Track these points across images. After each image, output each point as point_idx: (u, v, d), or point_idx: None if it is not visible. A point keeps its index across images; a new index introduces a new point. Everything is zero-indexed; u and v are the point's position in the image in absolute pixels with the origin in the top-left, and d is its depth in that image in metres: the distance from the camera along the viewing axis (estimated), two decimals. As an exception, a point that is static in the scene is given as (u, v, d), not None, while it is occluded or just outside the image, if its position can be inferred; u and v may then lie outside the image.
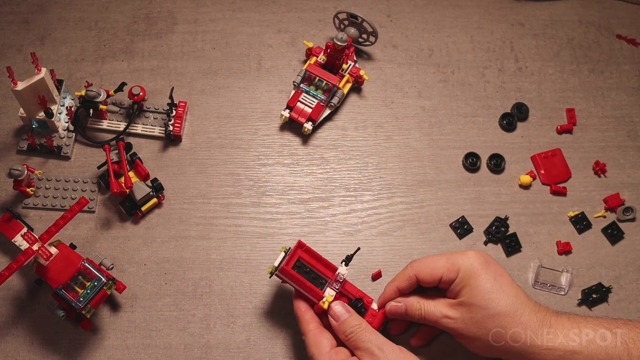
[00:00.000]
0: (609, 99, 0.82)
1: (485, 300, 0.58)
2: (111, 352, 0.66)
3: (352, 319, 0.60)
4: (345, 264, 0.64)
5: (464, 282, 0.60)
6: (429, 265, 0.62)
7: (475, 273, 0.60)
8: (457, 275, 0.60)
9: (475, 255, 0.61)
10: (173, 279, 0.70)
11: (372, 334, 0.59)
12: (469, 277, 0.60)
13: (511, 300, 0.58)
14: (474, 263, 0.60)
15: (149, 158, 0.75)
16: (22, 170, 0.68)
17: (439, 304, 0.62)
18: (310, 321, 0.61)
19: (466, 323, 0.60)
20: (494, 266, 0.61)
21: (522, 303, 0.59)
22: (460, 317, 0.60)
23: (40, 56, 0.77)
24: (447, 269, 0.61)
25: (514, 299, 0.58)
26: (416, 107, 0.80)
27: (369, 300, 0.64)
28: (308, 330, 0.61)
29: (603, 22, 0.87)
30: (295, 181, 0.75)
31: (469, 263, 0.60)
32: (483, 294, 0.59)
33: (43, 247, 0.61)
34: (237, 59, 0.81)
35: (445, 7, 0.87)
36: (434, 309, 0.62)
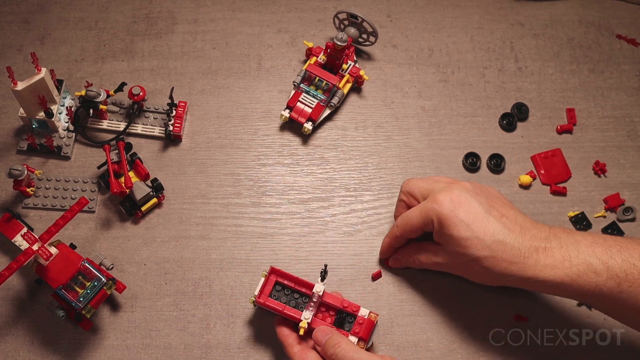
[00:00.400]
0: (609, 99, 0.82)
1: (463, 247, 0.58)
2: (111, 352, 0.66)
3: (331, 340, 0.59)
4: (321, 279, 0.63)
5: (439, 233, 0.61)
6: (408, 222, 0.64)
7: (447, 222, 0.59)
8: (432, 227, 0.61)
9: (444, 200, 0.60)
10: (173, 279, 0.70)
11: (354, 352, 0.57)
12: (442, 227, 0.60)
13: (488, 242, 0.57)
14: (443, 210, 0.59)
15: (149, 158, 0.75)
16: (22, 170, 0.68)
17: (429, 253, 0.65)
18: (293, 344, 0.61)
19: (453, 266, 0.62)
20: (467, 205, 0.59)
21: (502, 241, 0.57)
22: (448, 262, 0.62)
23: (40, 56, 0.77)
24: (422, 222, 0.62)
25: (490, 238, 0.57)
26: (416, 107, 0.80)
27: (355, 308, 0.63)
28: (293, 352, 0.61)
29: (603, 22, 0.87)
30: (295, 181, 0.75)
31: (438, 211, 0.60)
32: (459, 241, 0.59)
33: (43, 247, 0.61)
34: (237, 59, 0.81)
35: (445, 7, 0.87)
36: (426, 259, 0.65)
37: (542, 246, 0.57)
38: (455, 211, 0.59)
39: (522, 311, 0.69)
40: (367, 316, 0.62)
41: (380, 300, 0.69)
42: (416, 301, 0.70)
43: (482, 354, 0.67)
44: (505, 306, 0.70)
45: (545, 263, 0.56)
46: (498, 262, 0.57)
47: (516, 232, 0.58)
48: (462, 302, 0.70)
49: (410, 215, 0.64)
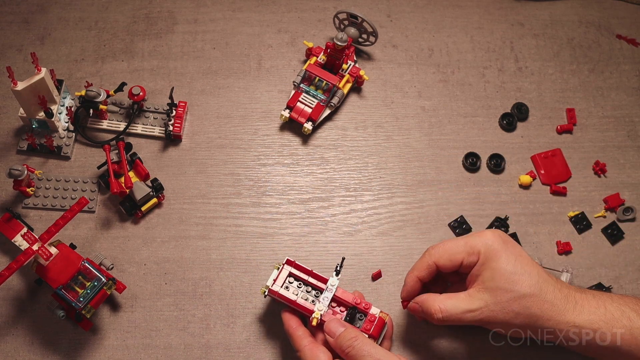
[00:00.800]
0: (609, 99, 0.82)
1: (509, 282, 0.57)
2: (111, 352, 0.66)
3: (347, 333, 0.59)
4: (336, 274, 0.63)
5: (485, 265, 0.58)
6: (448, 251, 0.60)
7: (496, 255, 0.58)
8: (477, 259, 0.59)
9: (493, 236, 0.59)
10: (173, 279, 0.70)
11: (370, 347, 0.57)
12: (490, 260, 0.58)
13: (534, 280, 0.57)
14: (493, 244, 0.58)
15: (149, 158, 0.75)
16: (22, 170, 0.68)
17: (458, 300, 0.59)
18: (303, 337, 0.60)
19: (491, 309, 0.57)
20: (512, 245, 0.59)
21: (545, 281, 0.57)
22: (484, 305, 0.57)
23: (40, 56, 0.77)
24: (466, 253, 0.59)
25: (536, 278, 0.57)
26: (416, 107, 0.80)
27: (366, 306, 0.63)
28: (302, 345, 0.60)
29: (603, 22, 0.87)
30: (295, 181, 0.75)
31: (489, 244, 0.58)
32: (507, 275, 0.57)
33: (43, 247, 0.61)
34: (237, 59, 0.81)
35: (445, 7, 0.87)
36: (454, 309, 0.58)
37: (578, 295, 0.58)
38: (505, 246, 0.58)
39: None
40: (378, 315, 0.62)
41: (380, 300, 0.69)
42: (416, 301, 0.70)
43: (482, 354, 0.67)
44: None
45: (582, 309, 0.57)
46: (541, 303, 0.56)
47: (553, 278, 0.59)
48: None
49: (453, 244, 0.60)
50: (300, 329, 0.62)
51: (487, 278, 0.58)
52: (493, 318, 0.58)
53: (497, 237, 0.59)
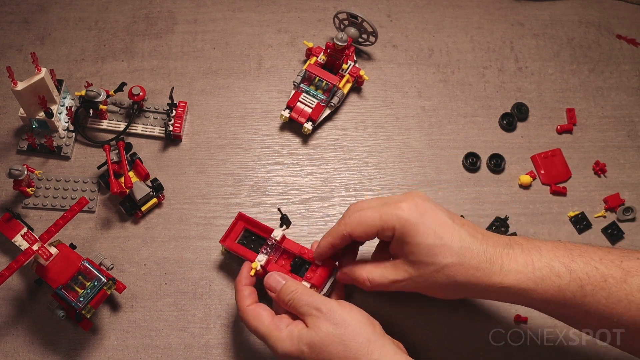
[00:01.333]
0: (609, 99, 0.82)
1: (429, 255, 0.54)
2: (111, 352, 0.66)
3: (286, 287, 0.59)
4: (280, 225, 0.64)
5: (402, 240, 0.56)
6: (363, 223, 0.57)
7: (413, 229, 0.55)
8: (393, 233, 0.56)
9: (408, 207, 0.56)
10: (173, 279, 0.70)
11: (309, 296, 0.57)
12: (406, 235, 0.55)
13: (456, 248, 0.54)
14: (409, 217, 0.55)
15: (149, 158, 0.75)
16: (22, 170, 0.68)
17: (385, 270, 0.58)
18: (248, 297, 0.60)
19: (415, 281, 0.56)
20: (432, 213, 0.56)
21: (469, 246, 0.55)
22: (409, 277, 0.56)
23: (40, 56, 0.77)
24: (381, 226, 0.56)
25: (458, 245, 0.54)
26: (416, 107, 0.80)
27: (310, 254, 0.63)
28: (245, 305, 0.59)
29: (603, 22, 0.87)
30: (295, 181, 0.75)
31: (404, 219, 0.55)
32: (426, 249, 0.55)
33: (43, 247, 0.61)
34: (237, 59, 0.82)
35: (445, 7, 0.87)
36: (381, 278, 0.58)
37: (505, 252, 0.55)
38: (422, 218, 0.55)
39: (522, 311, 0.69)
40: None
41: (380, 300, 0.69)
42: (416, 301, 0.70)
43: (482, 354, 0.67)
44: (505, 306, 0.70)
45: (509, 268, 0.54)
46: (465, 269, 0.54)
47: (479, 239, 0.56)
48: (462, 302, 0.70)
49: (368, 215, 0.57)
50: (248, 289, 0.61)
51: (407, 252, 0.56)
52: (420, 289, 0.57)
53: (412, 208, 0.56)
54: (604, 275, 0.53)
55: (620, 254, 0.54)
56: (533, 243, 0.56)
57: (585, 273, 0.53)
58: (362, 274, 0.59)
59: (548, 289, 0.54)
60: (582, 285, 0.53)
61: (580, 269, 0.53)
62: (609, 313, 0.52)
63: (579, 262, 0.54)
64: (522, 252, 0.55)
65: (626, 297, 0.52)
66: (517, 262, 0.54)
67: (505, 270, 0.54)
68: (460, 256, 0.54)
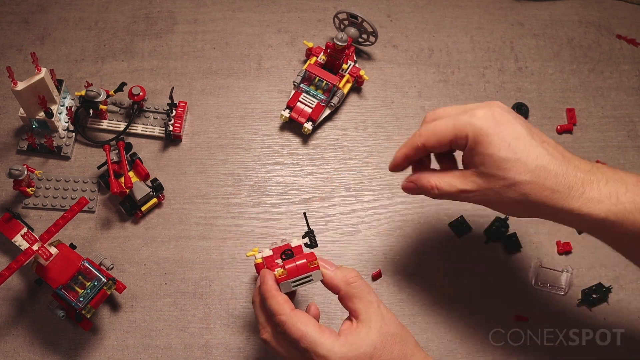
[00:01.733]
0: (609, 99, 0.82)
1: (501, 169, 0.51)
2: (111, 352, 0.66)
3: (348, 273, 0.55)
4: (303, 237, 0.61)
5: (475, 151, 0.52)
6: (437, 133, 0.54)
7: (485, 140, 0.51)
8: (466, 142, 0.53)
9: (484, 116, 0.52)
10: (173, 279, 0.70)
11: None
12: (478, 145, 0.52)
13: (532, 165, 0.51)
14: (483, 126, 0.52)
15: (149, 158, 0.75)
16: (22, 170, 0.68)
17: (453, 178, 0.55)
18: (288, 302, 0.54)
19: (485, 194, 0.53)
20: (509, 125, 0.52)
21: (546, 167, 0.51)
22: (478, 189, 0.53)
23: (40, 56, 0.77)
24: (454, 135, 0.53)
25: (535, 162, 0.51)
26: (416, 107, 0.80)
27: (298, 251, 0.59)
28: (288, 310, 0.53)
29: (603, 22, 0.87)
30: (295, 181, 0.75)
31: (477, 127, 0.52)
32: (497, 162, 0.51)
33: (43, 247, 0.61)
34: (237, 59, 0.82)
35: (445, 7, 0.87)
36: (448, 187, 0.55)
37: (587, 178, 0.51)
38: (497, 129, 0.51)
39: (522, 311, 0.69)
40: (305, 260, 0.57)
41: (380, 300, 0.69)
42: (416, 301, 0.70)
43: (482, 354, 0.67)
44: (505, 306, 0.70)
45: (590, 196, 0.50)
46: (539, 189, 0.51)
47: (559, 159, 0.52)
48: (462, 302, 0.70)
49: (441, 125, 0.54)
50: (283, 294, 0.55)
51: (478, 163, 0.52)
52: (489, 202, 0.54)
53: (488, 117, 0.52)
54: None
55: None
56: (617, 174, 0.53)
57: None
58: (430, 180, 0.56)
59: (629, 225, 0.50)
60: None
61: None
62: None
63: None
64: (606, 182, 0.51)
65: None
66: (601, 192, 0.51)
67: (586, 197, 0.51)
68: (535, 175, 0.51)
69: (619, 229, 0.51)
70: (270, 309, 0.53)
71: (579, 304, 0.70)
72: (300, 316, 0.52)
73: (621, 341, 0.68)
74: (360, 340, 0.51)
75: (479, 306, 0.70)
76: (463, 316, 0.69)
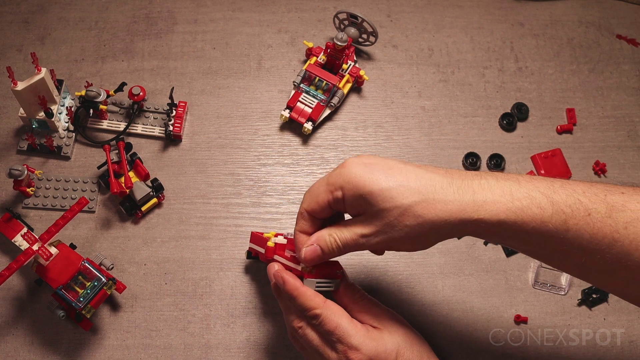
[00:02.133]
0: (609, 99, 0.82)
1: (388, 200, 0.49)
2: (111, 352, 0.66)
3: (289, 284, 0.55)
4: None
5: (355, 197, 0.51)
6: (313, 196, 0.53)
7: (361, 180, 0.50)
8: (342, 194, 0.51)
9: (352, 163, 0.51)
10: (173, 279, 0.70)
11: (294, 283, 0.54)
12: (357, 188, 0.50)
13: (415, 187, 0.49)
14: (353, 171, 0.51)
15: (149, 158, 0.75)
16: (22, 170, 0.68)
17: (351, 226, 0.52)
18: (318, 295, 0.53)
19: (385, 232, 0.50)
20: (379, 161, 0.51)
21: (430, 180, 0.50)
22: (377, 230, 0.51)
23: (40, 56, 0.77)
24: (329, 192, 0.52)
25: (416, 183, 0.49)
26: (416, 107, 0.80)
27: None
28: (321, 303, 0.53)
29: (603, 22, 0.87)
30: (295, 181, 0.75)
31: (351, 174, 0.51)
32: (382, 195, 0.49)
33: (43, 247, 0.61)
34: (237, 59, 0.82)
35: (445, 7, 0.87)
36: (348, 234, 0.52)
37: (476, 182, 0.49)
38: (368, 168, 0.50)
39: (522, 311, 0.69)
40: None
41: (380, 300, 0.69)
42: (416, 301, 0.70)
43: (482, 354, 0.68)
44: (505, 306, 0.70)
45: (484, 199, 0.48)
46: (431, 205, 0.48)
47: (441, 173, 0.51)
48: (462, 302, 0.70)
49: (315, 187, 0.53)
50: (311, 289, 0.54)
51: (365, 206, 0.51)
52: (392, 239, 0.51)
53: (357, 163, 0.51)
54: (588, 208, 0.48)
55: (604, 188, 0.49)
56: (508, 175, 0.51)
57: (569, 206, 0.48)
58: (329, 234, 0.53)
59: (529, 221, 0.48)
60: (565, 220, 0.48)
61: (563, 201, 0.48)
62: (592, 250, 0.48)
63: (561, 194, 0.48)
64: (497, 182, 0.49)
65: (611, 233, 0.47)
66: (493, 192, 0.49)
67: (480, 200, 0.48)
68: (421, 193, 0.49)
69: (521, 227, 0.48)
70: (301, 306, 0.53)
71: (579, 304, 0.70)
72: (333, 308, 0.53)
73: (621, 341, 0.68)
74: (386, 338, 0.54)
75: (479, 306, 0.70)
76: (463, 316, 0.69)
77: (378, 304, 0.57)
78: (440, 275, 0.71)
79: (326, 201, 0.53)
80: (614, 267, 0.48)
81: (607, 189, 0.49)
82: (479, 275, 0.71)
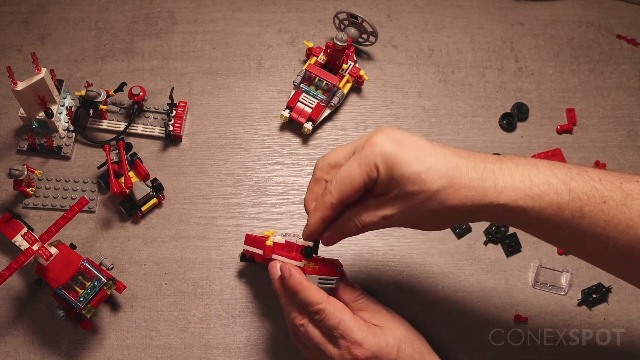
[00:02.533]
0: (609, 99, 0.82)
1: (418, 183, 0.49)
2: (111, 352, 0.66)
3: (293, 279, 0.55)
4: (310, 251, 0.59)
5: (388, 176, 0.50)
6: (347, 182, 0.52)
7: (395, 160, 0.50)
8: (377, 174, 0.50)
9: (384, 140, 0.50)
10: (173, 279, 0.70)
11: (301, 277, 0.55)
12: (391, 169, 0.50)
13: (443, 171, 0.49)
14: (387, 150, 0.50)
15: (149, 158, 0.75)
16: (22, 170, 0.68)
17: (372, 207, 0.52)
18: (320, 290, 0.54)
19: (406, 214, 0.51)
20: (408, 140, 0.51)
21: (456, 166, 0.50)
22: (399, 211, 0.51)
23: (40, 56, 0.77)
24: (365, 174, 0.51)
25: (445, 167, 0.49)
26: (416, 107, 0.80)
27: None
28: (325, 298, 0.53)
29: (603, 22, 0.87)
30: (295, 181, 0.75)
31: (384, 152, 0.50)
32: (413, 178, 0.49)
33: (43, 247, 0.61)
34: (237, 59, 0.82)
35: (445, 7, 0.87)
36: (369, 217, 0.53)
37: (497, 167, 0.50)
38: (400, 147, 0.50)
39: (522, 311, 0.69)
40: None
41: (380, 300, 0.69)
42: (416, 301, 0.70)
43: (482, 354, 0.68)
44: (505, 306, 0.70)
45: (504, 184, 0.49)
46: (457, 191, 0.49)
47: (464, 156, 0.51)
48: (462, 302, 0.70)
49: (347, 171, 0.52)
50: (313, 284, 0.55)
51: (394, 186, 0.50)
52: (411, 221, 0.52)
53: (388, 140, 0.51)
54: (604, 196, 0.49)
55: (620, 176, 0.50)
56: (527, 159, 0.52)
57: (585, 192, 0.49)
58: (349, 220, 0.54)
59: (546, 207, 0.49)
60: (581, 206, 0.49)
61: (580, 187, 0.49)
62: (605, 237, 0.49)
63: (578, 181, 0.49)
64: (517, 168, 0.50)
65: (625, 220, 0.48)
66: (513, 177, 0.50)
67: (500, 186, 0.49)
68: (449, 178, 0.49)
69: (538, 213, 0.49)
70: (305, 301, 0.53)
71: (579, 304, 0.70)
72: (337, 304, 0.54)
73: (621, 341, 0.68)
74: (387, 334, 0.55)
75: (479, 306, 0.70)
76: (463, 316, 0.69)
77: (377, 302, 0.59)
78: (440, 275, 0.71)
79: (362, 183, 0.51)
80: (627, 254, 0.49)
81: (623, 177, 0.50)
82: (479, 275, 0.71)
